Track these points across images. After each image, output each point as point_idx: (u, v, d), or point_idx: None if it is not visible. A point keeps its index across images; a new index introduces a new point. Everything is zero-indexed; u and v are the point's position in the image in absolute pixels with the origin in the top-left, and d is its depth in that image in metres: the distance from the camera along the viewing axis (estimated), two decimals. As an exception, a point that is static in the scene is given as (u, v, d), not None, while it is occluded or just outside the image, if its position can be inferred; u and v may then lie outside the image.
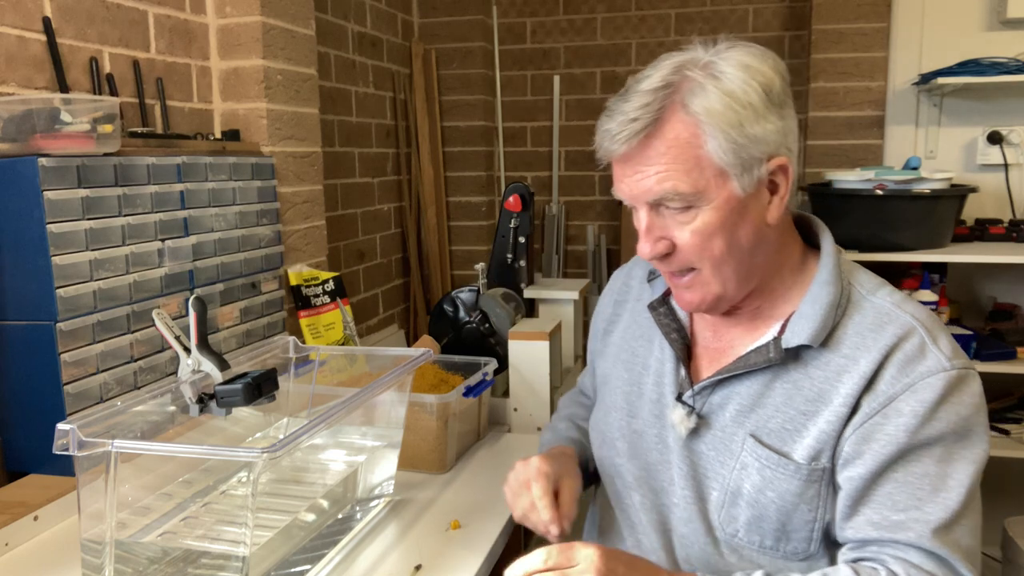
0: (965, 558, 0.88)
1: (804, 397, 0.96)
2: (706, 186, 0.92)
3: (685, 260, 0.97)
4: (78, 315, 1.29)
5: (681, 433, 1.02)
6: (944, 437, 0.90)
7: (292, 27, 1.93)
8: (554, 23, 3.44)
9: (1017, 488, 2.73)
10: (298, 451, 1.30)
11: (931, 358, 0.92)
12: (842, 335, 0.96)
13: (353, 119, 2.87)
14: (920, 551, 0.89)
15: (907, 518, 0.89)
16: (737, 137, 0.91)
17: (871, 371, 0.93)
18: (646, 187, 0.93)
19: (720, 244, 0.94)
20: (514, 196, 2.19)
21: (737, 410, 1.00)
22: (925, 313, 0.98)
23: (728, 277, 0.97)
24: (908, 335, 0.94)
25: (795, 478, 0.94)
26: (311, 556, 1.11)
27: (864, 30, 2.79)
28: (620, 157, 0.95)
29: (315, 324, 1.91)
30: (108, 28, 1.55)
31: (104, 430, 0.96)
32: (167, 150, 1.51)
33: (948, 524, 0.89)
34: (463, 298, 1.98)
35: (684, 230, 0.94)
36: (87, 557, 0.97)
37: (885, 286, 1.02)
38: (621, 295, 1.22)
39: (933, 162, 2.78)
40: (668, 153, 0.92)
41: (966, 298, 2.73)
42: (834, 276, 0.99)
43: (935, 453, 0.91)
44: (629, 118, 0.92)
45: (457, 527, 1.22)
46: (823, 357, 0.96)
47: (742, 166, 0.92)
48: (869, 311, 0.97)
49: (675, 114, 0.92)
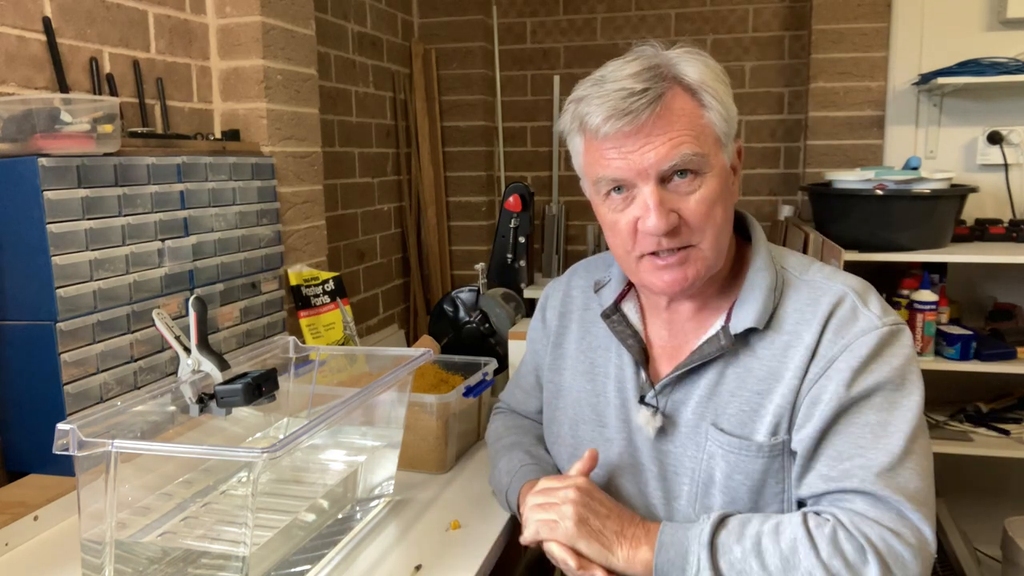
0: (911, 500, 0.90)
1: (756, 378, 1.00)
2: (709, 152, 0.98)
3: (690, 232, 0.99)
4: (78, 315, 1.29)
5: (649, 434, 1.06)
6: (881, 387, 0.95)
7: (292, 27, 1.93)
8: (554, 23, 3.44)
9: (1017, 488, 2.73)
10: (298, 451, 1.30)
11: (863, 318, 0.97)
12: (783, 315, 1.01)
13: (353, 119, 2.87)
14: (866, 496, 0.91)
15: (852, 466, 0.93)
16: (728, 107, 0.99)
17: (814, 341, 0.98)
18: (660, 155, 0.95)
19: (720, 212, 0.99)
20: (514, 196, 2.19)
21: (697, 403, 1.03)
22: (855, 280, 1.03)
23: (721, 248, 1.02)
24: (841, 301, 0.99)
25: (759, 457, 0.98)
26: (311, 556, 1.11)
27: (864, 30, 2.79)
28: (625, 133, 0.96)
29: (315, 324, 1.91)
30: (108, 28, 1.55)
31: (104, 430, 0.96)
32: (167, 150, 1.51)
33: (892, 467, 0.91)
34: (463, 298, 1.98)
35: (689, 200, 0.97)
36: (87, 557, 0.97)
37: (814, 264, 1.07)
38: (564, 307, 1.24)
39: (933, 162, 2.78)
40: (679, 121, 0.96)
41: (966, 298, 2.73)
42: (767, 262, 1.04)
43: (874, 403, 0.95)
44: (638, 90, 0.94)
45: (457, 527, 1.22)
46: (768, 338, 1.01)
47: (728, 137, 1.00)
48: (804, 289, 1.03)
49: (674, 87, 0.97)
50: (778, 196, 3.25)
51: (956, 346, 2.35)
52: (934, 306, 2.37)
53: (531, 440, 1.25)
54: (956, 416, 2.56)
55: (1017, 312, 2.61)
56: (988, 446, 2.39)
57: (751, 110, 3.25)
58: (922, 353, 2.37)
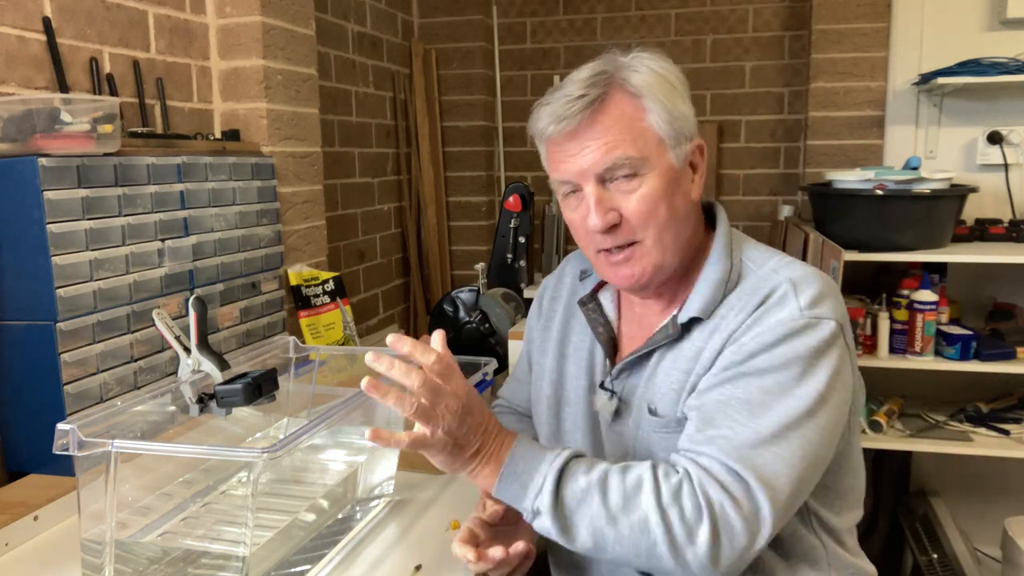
0: (760, 480, 0.90)
1: (684, 358, 1.03)
2: (649, 154, 1.01)
3: (632, 230, 1.02)
4: (78, 315, 1.29)
5: (607, 417, 1.10)
6: (774, 370, 0.95)
7: (292, 27, 1.93)
8: (554, 23, 3.44)
9: (1017, 488, 2.73)
10: (298, 451, 1.30)
11: (787, 308, 0.98)
12: (726, 304, 1.04)
13: (353, 119, 2.87)
14: (719, 463, 0.91)
15: (716, 434, 0.94)
16: (672, 110, 1.01)
17: (736, 327, 0.99)
18: (595, 158, 1.00)
19: (664, 210, 1.02)
20: (514, 196, 2.19)
21: (643, 386, 1.07)
22: (802, 271, 1.03)
23: (668, 246, 1.04)
24: (774, 291, 1.01)
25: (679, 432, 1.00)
26: (311, 556, 1.11)
27: (864, 30, 2.79)
28: (565, 135, 1.01)
29: (315, 324, 1.91)
30: (108, 28, 1.55)
31: (104, 430, 0.96)
32: (167, 150, 1.51)
33: (753, 446, 0.91)
34: (463, 298, 1.98)
35: (631, 199, 1.01)
36: (87, 557, 0.97)
37: (773, 256, 1.08)
38: (555, 292, 1.28)
39: (933, 162, 2.77)
40: (615, 125, 1.00)
41: (966, 298, 2.73)
42: (722, 254, 1.07)
43: (764, 384, 0.95)
44: (575, 96, 1.00)
45: (457, 527, 1.22)
46: (705, 324, 1.04)
47: (675, 139, 1.02)
48: (751, 280, 1.04)
49: (617, 91, 1.01)
50: (778, 196, 3.25)
51: (956, 346, 2.35)
52: (934, 306, 2.37)
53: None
54: (956, 416, 2.56)
55: (1017, 312, 2.61)
56: (988, 446, 2.38)
57: (751, 110, 3.25)
58: (922, 353, 2.37)
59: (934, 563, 2.42)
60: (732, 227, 1.12)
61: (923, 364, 2.37)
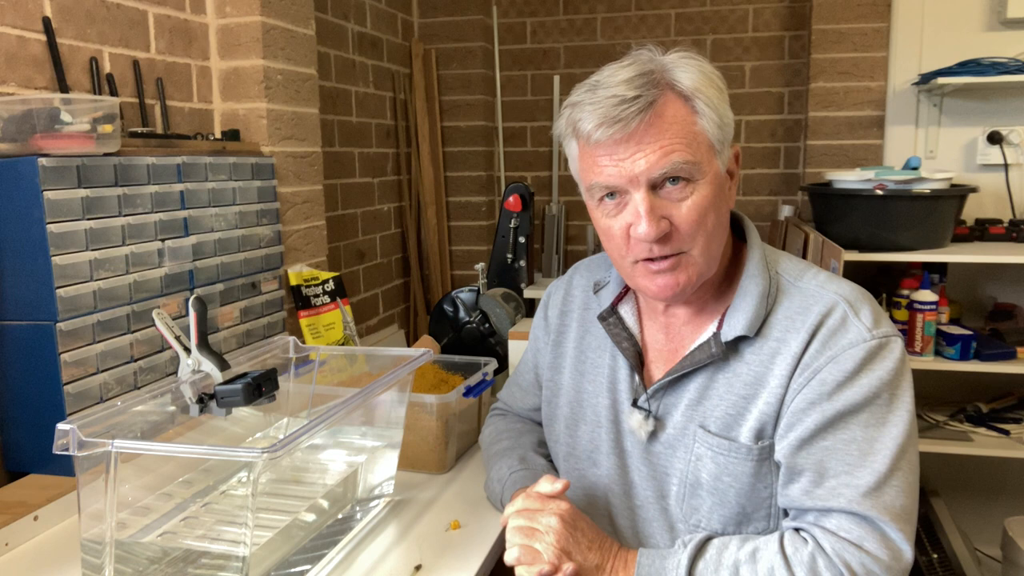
0: (894, 519, 0.90)
1: (743, 382, 1.00)
2: (702, 159, 0.97)
3: (681, 239, 0.99)
4: (78, 315, 1.29)
5: (641, 437, 1.07)
6: (868, 402, 0.94)
7: (292, 27, 1.93)
8: (554, 23, 3.44)
9: (1017, 488, 2.73)
10: (298, 451, 1.30)
11: (852, 330, 0.96)
12: (773, 321, 1.01)
13: (353, 119, 2.87)
14: (851, 516, 0.91)
15: (838, 484, 0.92)
16: (722, 114, 0.98)
17: (800, 350, 0.97)
18: (650, 163, 0.95)
19: (712, 218, 0.99)
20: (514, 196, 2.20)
21: (687, 406, 1.04)
22: (850, 288, 1.02)
23: (713, 255, 1.02)
24: (831, 311, 0.98)
25: (747, 460, 0.99)
26: (311, 556, 1.11)
27: (864, 30, 2.79)
28: (616, 140, 0.96)
29: (315, 324, 1.91)
30: (108, 28, 1.55)
31: (104, 430, 0.96)
32: (167, 150, 1.51)
33: (878, 487, 0.91)
34: (463, 298, 1.98)
35: (682, 207, 0.97)
36: (87, 557, 0.97)
37: (810, 270, 1.06)
38: (565, 305, 1.24)
39: (933, 162, 2.77)
40: (671, 128, 0.96)
41: (966, 298, 2.73)
42: (760, 268, 1.04)
43: (861, 419, 0.94)
44: (629, 98, 0.94)
45: (457, 527, 1.22)
46: (758, 344, 1.01)
47: (722, 143, 0.99)
48: (796, 296, 1.02)
49: (667, 93, 0.97)
50: (778, 196, 3.25)
51: (956, 346, 2.35)
52: (934, 306, 2.37)
53: (525, 444, 1.25)
54: (956, 416, 2.56)
55: (1017, 312, 2.61)
56: (988, 446, 2.39)
57: (751, 110, 3.25)
58: (922, 353, 2.37)
59: (934, 563, 2.42)
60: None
61: (923, 364, 2.37)
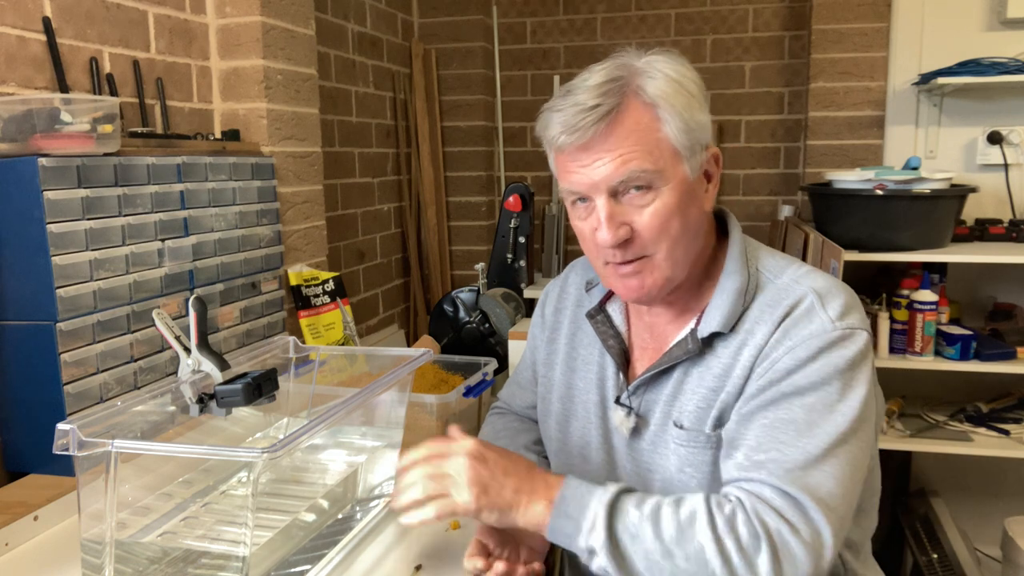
0: (817, 501, 0.89)
1: (712, 375, 1.01)
2: (664, 166, 0.98)
3: (643, 245, 1.00)
4: (78, 315, 1.29)
5: (624, 434, 1.08)
6: (815, 387, 0.94)
7: (292, 27, 1.93)
8: (554, 23, 3.44)
9: (1017, 488, 2.73)
10: (298, 451, 1.30)
11: (816, 321, 0.97)
12: (747, 316, 1.02)
13: (353, 119, 2.87)
14: (773, 488, 0.90)
15: (766, 458, 0.92)
16: (688, 120, 0.98)
17: (764, 340, 0.98)
18: (608, 171, 0.97)
19: (676, 224, 0.99)
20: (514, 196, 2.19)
21: (664, 402, 1.05)
22: (824, 281, 1.02)
23: (678, 260, 1.02)
24: (799, 303, 0.99)
25: (707, 448, 1.00)
26: (311, 556, 1.11)
27: (864, 30, 2.79)
28: (577, 147, 0.98)
29: (315, 324, 1.91)
30: (108, 28, 1.55)
31: (104, 430, 0.96)
32: (167, 150, 1.51)
33: (804, 467, 0.90)
34: (463, 298, 1.99)
35: (643, 213, 0.98)
36: (87, 557, 0.97)
37: (791, 266, 1.06)
38: (560, 302, 1.25)
39: (933, 162, 2.77)
40: (630, 137, 0.96)
41: (966, 298, 2.73)
42: (739, 265, 1.04)
43: (805, 402, 0.94)
44: (589, 106, 0.96)
45: (457, 527, 1.22)
46: (729, 339, 1.02)
47: (691, 149, 0.99)
48: (771, 291, 1.02)
49: (633, 100, 0.97)
50: (778, 196, 3.25)
51: (956, 346, 2.35)
52: (934, 306, 2.37)
53: (519, 443, 1.25)
54: (956, 416, 2.56)
55: (1017, 312, 2.61)
56: (988, 446, 2.39)
57: (751, 110, 3.25)
58: (922, 353, 2.37)
59: (934, 563, 2.42)
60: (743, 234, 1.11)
61: (923, 364, 2.37)
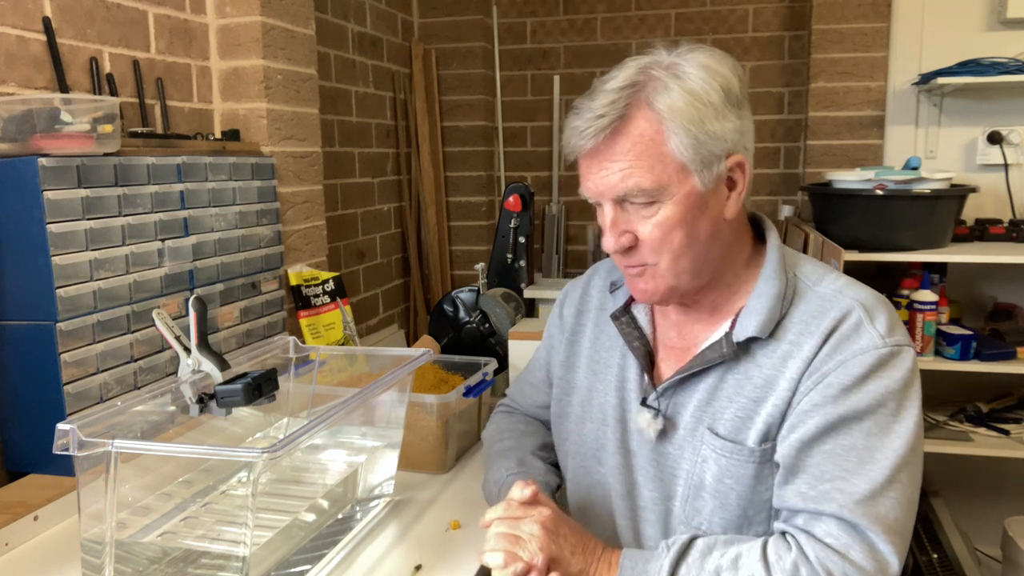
0: (885, 530, 0.89)
1: (753, 385, 1.00)
2: (668, 181, 0.96)
3: (646, 253, 1.00)
4: (78, 315, 1.29)
5: (650, 436, 1.06)
6: (872, 410, 0.93)
7: (292, 27, 1.93)
8: (554, 23, 3.44)
9: (1017, 488, 2.73)
10: (298, 451, 1.30)
11: (865, 336, 0.96)
12: (788, 324, 1.00)
13: (353, 119, 2.87)
14: (840, 523, 0.90)
15: (832, 488, 0.92)
16: (698, 134, 0.96)
17: (812, 353, 0.97)
18: (611, 183, 0.97)
19: (680, 237, 0.98)
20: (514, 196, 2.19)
21: (696, 406, 1.03)
22: (867, 294, 1.02)
23: (683, 269, 1.01)
24: (846, 316, 0.98)
25: (749, 462, 0.98)
26: (311, 556, 1.11)
27: (864, 30, 2.79)
28: (587, 153, 0.99)
29: (315, 324, 1.91)
30: (108, 28, 1.55)
31: (104, 430, 0.96)
32: (167, 150, 1.51)
33: (872, 496, 0.90)
34: (463, 298, 1.98)
35: (647, 224, 0.98)
36: (87, 557, 0.97)
37: (829, 274, 1.05)
38: (582, 304, 1.24)
39: (933, 162, 2.77)
40: (632, 150, 0.96)
41: (966, 298, 2.73)
42: (778, 270, 1.03)
43: (864, 426, 0.93)
44: (596, 115, 0.96)
45: (457, 527, 1.22)
46: (771, 346, 1.00)
47: (702, 162, 0.97)
48: (813, 300, 1.01)
49: (640, 111, 0.96)
50: (778, 196, 3.25)
51: (956, 346, 2.35)
52: (934, 306, 2.37)
53: (526, 445, 1.24)
54: (956, 416, 2.56)
55: (1017, 312, 2.61)
56: (988, 446, 2.39)
57: (751, 110, 3.25)
58: (922, 353, 2.37)
59: (934, 563, 2.42)
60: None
61: (923, 364, 2.37)
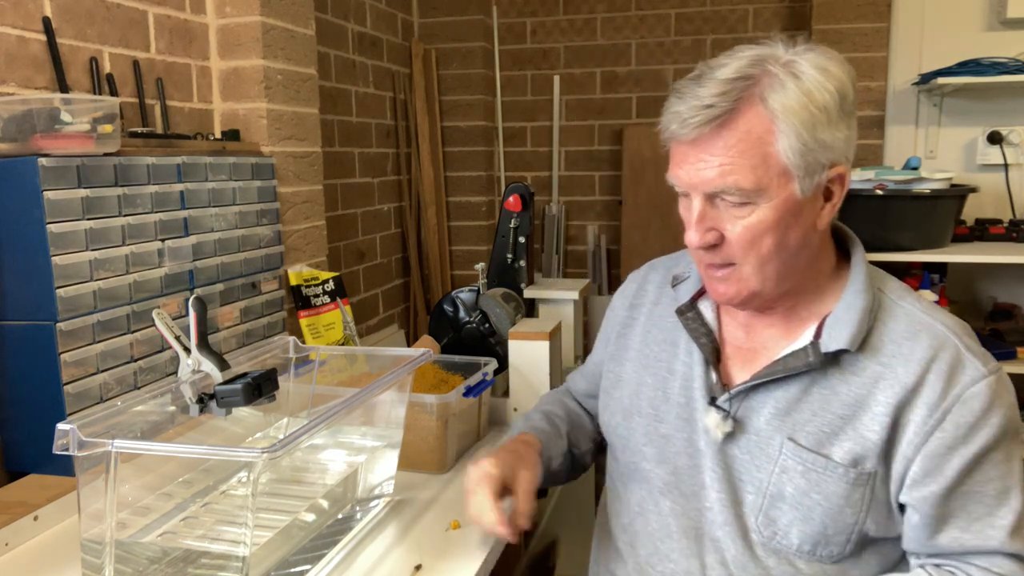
0: None
1: (841, 401, 0.97)
2: (768, 184, 0.92)
3: (731, 254, 0.96)
4: (78, 315, 1.29)
5: (717, 437, 1.02)
6: (998, 443, 0.94)
7: (292, 27, 1.93)
8: (554, 23, 3.44)
9: (1017, 488, 2.73)
10: (298, 451, 1.30)
11: (970, 367, 0.95)
12: (877, 342, 0.98)
13: (353, 119, 2.87)
14: (1005, 556, 0.93)
15: (983, 526, 0.93)
16: (808, 140, 0.91)
17: (912, 382, 0.94)
18: (707, 177, 0.93)
19: (769, 242, 0.95)
20: (514, 196, 2.19)
21: (773, 413, 1.00)
22: (952, 320, 1.01)
23: (768, 276, 0.97)
24: (944, 345, 0.96)
25: (842, 481, 0.95)
26: (311, 556, 1.11)
27: (864, 30, 2.79)
28: (684, 143, 0.94)
29: (315, 324, 1.91)
30: (108, 28, 1.55)
31: (104, 430, 0.96)
32: (167, 150, 1.51)
33: (1019, 523, 0.93)
34: (463, 298, 1.98)
35: (737, 224, 0.94)
36: (87, 557, 0.97)
37: (910, 293, 1.04)
38: (636, 299, 1.22)
39: (933, 162, 2.78)
40: (737, 146, 0.91)
41: (966, 298, 2.73)
42: (866, 284, 1.00)
43: (994, 458, 0.94)
44: (704, 104, 0.90)
45: (457, 527, 1.22)
46: (860, 363, 0.97)
47: (806, 169, 0.92)
48: (901, 318, 0.99)
49: (752, 107, 0.91)
50: (778, 196, 3.25)
51: (956, 346, 2.35)
52: (934, 306, 2.37)
53: (560, 412, 1.27)
54: (956, 416, 2.56)
55: (1017, 312, 2.61)
56: (988, 446, 2.38)
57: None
58: (922, 353, 2.37)
59: (934, 563, 2.42)
60: None
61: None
